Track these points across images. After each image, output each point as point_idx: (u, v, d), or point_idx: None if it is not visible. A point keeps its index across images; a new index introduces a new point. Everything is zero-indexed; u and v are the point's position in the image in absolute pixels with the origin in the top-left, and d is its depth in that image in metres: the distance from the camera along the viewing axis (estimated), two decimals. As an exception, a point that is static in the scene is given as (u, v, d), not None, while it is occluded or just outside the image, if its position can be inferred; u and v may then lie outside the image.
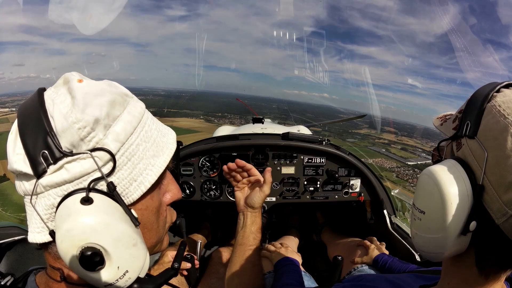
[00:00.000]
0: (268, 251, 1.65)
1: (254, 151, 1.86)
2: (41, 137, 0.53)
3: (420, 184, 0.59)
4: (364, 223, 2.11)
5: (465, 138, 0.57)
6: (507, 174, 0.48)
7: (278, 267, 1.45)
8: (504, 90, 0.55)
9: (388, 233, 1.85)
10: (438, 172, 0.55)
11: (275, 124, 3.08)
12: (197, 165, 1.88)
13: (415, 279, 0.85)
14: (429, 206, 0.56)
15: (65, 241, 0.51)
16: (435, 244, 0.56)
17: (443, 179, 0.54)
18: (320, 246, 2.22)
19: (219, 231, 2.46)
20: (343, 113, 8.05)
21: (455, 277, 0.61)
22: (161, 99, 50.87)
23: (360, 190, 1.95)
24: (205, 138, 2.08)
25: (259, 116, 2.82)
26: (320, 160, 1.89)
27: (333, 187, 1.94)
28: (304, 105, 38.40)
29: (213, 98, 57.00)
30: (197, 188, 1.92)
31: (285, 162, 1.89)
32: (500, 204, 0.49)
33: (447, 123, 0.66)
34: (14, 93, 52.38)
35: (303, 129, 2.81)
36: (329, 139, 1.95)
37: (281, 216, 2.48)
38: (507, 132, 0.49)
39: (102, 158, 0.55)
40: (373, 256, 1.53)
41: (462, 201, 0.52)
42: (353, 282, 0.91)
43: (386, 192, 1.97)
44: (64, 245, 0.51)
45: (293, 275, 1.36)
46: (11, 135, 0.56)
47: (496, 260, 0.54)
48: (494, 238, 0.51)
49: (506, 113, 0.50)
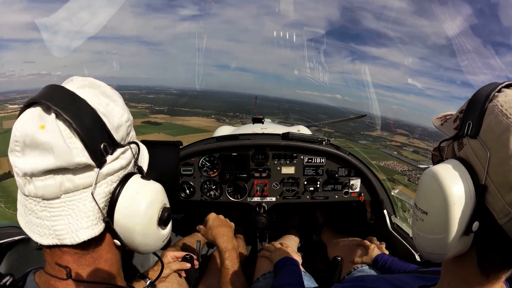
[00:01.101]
0: (268, 251, 1.65)
1: (254, 151, 1.86)
2: (99, 132, 0.62)
3: (423, 184, 0.58)
4: (364, 223, 2.11)
5: (467, 138, 0.56)
6: (510, 174, 0.48)
7: (278, 267, 1.45)
8: (506, 90, 0.55)
9: (388, 233, 1.85)
10: (440, 172, 0.55)
11: (275, 124, 3.08)
12: (197, 165, 1.88)
13: (415, 280, 0.85)
14: (432, 207, 0.56)
15: (149, 209, 0.67)
16: (437, 245, 0.56)
17: (446, 180, 0.53)
18: (320, 246, 2.22)
19: None
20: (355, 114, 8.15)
21: (456, 277, 0.60)
22: (173, 98, 50.89)
23: (360, 190, 1.95)
24: (205, 138, 2.08)
25: (259, 116, 2.82)
26: (320, 160, 1.88)
27: (333, 187, 1.94)
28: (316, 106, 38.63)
29: (225, 98, 56.99)
30: (197, 188, 1.92)
31: (285, 162, 1.89)
32: (503, 204, 0.49)
33: (448, 123, 0.65)
34: (24, 90, 52.06)
35: (303, 129, 2.81)
36: (329, 139, 1.95)
37: (281, 216, 2.48)
38: (509, 132, 0.48)
39: (134, 149, 0.72)
40: (373, 256, 1.53)
41: (465, 201, 0.52)
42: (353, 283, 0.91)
43: (386, 192, 1.97)
44: (149, 212, 0.67)
45: (293, 275, 1.36)
46: (48, 133, 0.57)
47: (498, 260, 0.54)
48: (497, 238, 0.51)
49: (509, 113, 0.50)
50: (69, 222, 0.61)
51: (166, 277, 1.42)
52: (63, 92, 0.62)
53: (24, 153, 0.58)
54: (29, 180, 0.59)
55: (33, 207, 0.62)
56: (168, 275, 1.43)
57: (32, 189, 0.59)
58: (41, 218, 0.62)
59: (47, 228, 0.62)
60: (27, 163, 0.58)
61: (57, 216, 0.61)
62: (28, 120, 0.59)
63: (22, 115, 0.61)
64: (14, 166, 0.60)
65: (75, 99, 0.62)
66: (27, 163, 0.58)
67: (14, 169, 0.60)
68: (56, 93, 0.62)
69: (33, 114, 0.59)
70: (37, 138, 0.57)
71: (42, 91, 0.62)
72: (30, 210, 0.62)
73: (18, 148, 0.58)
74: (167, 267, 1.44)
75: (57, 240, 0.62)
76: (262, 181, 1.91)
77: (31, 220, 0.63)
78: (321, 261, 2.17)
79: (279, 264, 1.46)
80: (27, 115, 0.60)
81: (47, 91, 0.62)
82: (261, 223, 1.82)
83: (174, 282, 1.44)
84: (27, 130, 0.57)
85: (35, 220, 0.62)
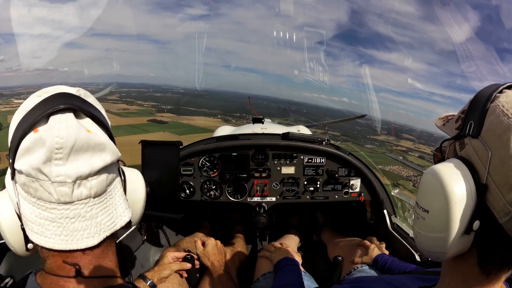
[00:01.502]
0: (268, 251, 1.66)
1: (254, 151, 1.85)
2: (108, 126, 0.73)
3: (424, 183, 0.59)
4: (364, 223, 2.11)
5: (469, 137, 0.57)
6: (511, 174, 0.48)
7: (278, 267, 1.45)
8: (507, 91, 0.56)
9: (388, 233, 1.85)
10: (442, 171, 0.55)
11: (275, 124, 3.08)
12: (197, 165, 1.88)
13: (414, 281, 0.85)
14: (433, 205, 0.56)
15: (143, 183, 0.86)
16: (438, 243, 0.56)
17: (447, 178, 0.54)
18: (320, 246, 2.22)
19: (219, 231, 2.46)
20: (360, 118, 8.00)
21: (456, 277, 0.60)
22: (179, 97, 50.76)
23: (360, 190, 1.95)
24: (205, 138, 2.08)
25: (259, 116, 2.82)
26: (320, 160, 1.88)
27: (333, 187, 1.94)
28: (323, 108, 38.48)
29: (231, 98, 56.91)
30: (197, 188, 1.92)
31: (285, 162, 1.89)
32: (504, 203, 0.49)
33: (450, 124, 0.66)
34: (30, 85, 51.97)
35: (303, 129, 2.81)
36: (329, 139, 1.95)
37: (281, 216, 2.48)
38: (510, 131, 0.49)
39: None
40: (373, 256, 1.53)
41: (466, 200, 0.52)
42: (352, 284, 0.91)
43: (386, 192, 1.97)
44: (144, 186, 0.85)
45: (293, 275, 1.36)
46: (96, 135, 0.64)
47: (499, 259, 0.54)
48: (497, 237, 0.52)
49: (510, 113, 0.50)
50: (114, 209, 0.68)
51: (167, 278, 1.42)
52: (78, 99, 0.67)
53: (69, 159, 0.59)
54: (80, 184, 0.61)
55: (79, 212, 0.62)
56: (168, 275, 1.43)
57: (84, 191, 0.61)
58: (90, 218, 0.64)
59: (97, 225, 0.64)
60: (80, 166, 0.60)
61: (104, 209, 0.66)
62: (70, 126, 0.60)
63: (54, 123, 0.60)
64: (57, 176, 0.58)
65: (90, 103, 0.69)
66: (80, 166, 0.60)
67: (55, 179, 0.58)
68: (75, 99, 0.66)
69: (68, 120, 0.61)
70: (91, 140, 0.61)
71: (55, 99, 0.63)
72: (74, 218, 0.62)
73: (60, 156, 0.58)
74: (168, 268, 1.44)
75: (107, 232, 0.66)
76: (262, 181, 1.91)
77: (75, 228, 0.63)
78: (321, 261, 2.17)
79: (279, 265, 1.46)
80: (61, 122, 0.60)
81: (63, 98, 0.64)
82: (261, 223, 1.82)
83: (175, 283, 1.44)
84: (76, 135, 0.59)
85: (81, 225, 0.63)
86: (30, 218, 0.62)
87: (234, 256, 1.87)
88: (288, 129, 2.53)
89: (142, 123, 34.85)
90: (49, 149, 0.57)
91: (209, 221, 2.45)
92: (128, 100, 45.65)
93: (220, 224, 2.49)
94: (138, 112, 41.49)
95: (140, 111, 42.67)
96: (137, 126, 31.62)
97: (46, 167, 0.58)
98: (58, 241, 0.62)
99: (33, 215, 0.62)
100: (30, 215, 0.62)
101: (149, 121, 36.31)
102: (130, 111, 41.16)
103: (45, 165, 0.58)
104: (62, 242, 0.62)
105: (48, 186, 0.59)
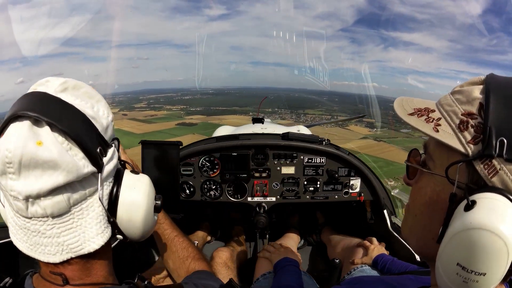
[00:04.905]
0: (268, 251, 1.66)
1: (254, 151, 1.86)
2: (94, 137, 0.61)
3: (477, 244, 0.44)
4: (364, 223, 2.11)
5: (500, 159, 0.44)
6: None
7: (278, 268, 1.45)
8: None
9: (388, 233, 1.85)
10: (497, 224, 0.42)
11: (275, 124, 3.08)
12: (197, 165, 1.88)
13: (413, 281, 0.85)
14: (493, 265, 0.44)
15: (148, 200, 0.71)
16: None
17: (505, 229, 0.42)
18: (320, 246, 2.22)
19: (219, 231, 2.46)
20: (392, 101, 7.85)
21: None
22: (210, 97, 50.40)
23: (360, 190, 1.95)
24: (205, 138, 2.09)
25: (259, 116, 2.83)
26: (320, 160, 1.88)
27: (333, 187, 1.94)
28: (355, 96, 37.86)
29: (262, 94, 56.69)
30: (197, 188, 1.93)
31: (285, 162, 1.89)
32: None
33: (443, 128, 0.52)
34: None
35: (303, 129, 2.80)
36: (329, 139, 1.95)
37: (281, 216, 2.48)
38: None
39: (116, 144, 0.69)
40: (373, 257, 1.53)
41: None
42: (351, 284, 0.91)
43: (386, 192, 1.97)
44: (149, 203, 0.71)
45: (293, 276, 1.36)
46: (48, 149, 0.53)
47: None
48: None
49: None
50: (82, 232, 0.61)
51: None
52: (50, 100, 0.58)
53: (21, 175, 0.53)
54: (33, 202, 0.55)
55: (38, 228, 0.58)
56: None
57: (38, 209, 0.56)
58: (51, 236, 0.59)
59: (59, 245, 0.60)
60: (29, 185, 0.53)
61: (69, 230, 0.60)
62: (20, 137, 0.52)
63: (8, 133, 0.54)
64: (11, 190, 0.54)
65: (64, 106, 0.58)
66: (29, 185, 0.53)
67: (10, 193, 0.54)
68: (42, 102, 0.56)
69: (22, 129, 0.53)
70: (38, 156, 0.52)
71: (23, 102, 0.56)
72: (35, 232, 0.59)
73: (12, 170, 0.52)
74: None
75: (72, 254, 0.61)
76: (262, 181, 1.91)
77: (37, 242, 0.60)
78: (321, 261, 2.17)
79: (278, 265, 1.46)
80: (14, 132, 0.53)
81: (30, 101, 0.56)
82: (261, 223, 1.82)
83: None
84: (22, 149, 0.51)
85: (42, 241, 0.59)
86: (6, 218, 0.63)
87: (234, 256, 1.87)
88: (288, 129, 2.53)
89: (169, 127, 34.25)
90: (2, 162, 0.52)
91: (209, 221, 2.45)
92: (156, 106, 45.19)
93: (220, 224, 2.49)
94: (166, 117, 40.83)
95: (169, 115, 42.05)
96: (164, 131, 31.28)
97: (3, 180, 0.54)
98: (25, 247, 0.61)
99: (9, 216, 0.61)
100: (8, 214, 0.62)
101: (177, 125, 35.97)
102: (158, 117, 40.71)
103: (2, 178, 0.54)
104: (28, 250, 0.61)
105: (8, 197, 0.57)
